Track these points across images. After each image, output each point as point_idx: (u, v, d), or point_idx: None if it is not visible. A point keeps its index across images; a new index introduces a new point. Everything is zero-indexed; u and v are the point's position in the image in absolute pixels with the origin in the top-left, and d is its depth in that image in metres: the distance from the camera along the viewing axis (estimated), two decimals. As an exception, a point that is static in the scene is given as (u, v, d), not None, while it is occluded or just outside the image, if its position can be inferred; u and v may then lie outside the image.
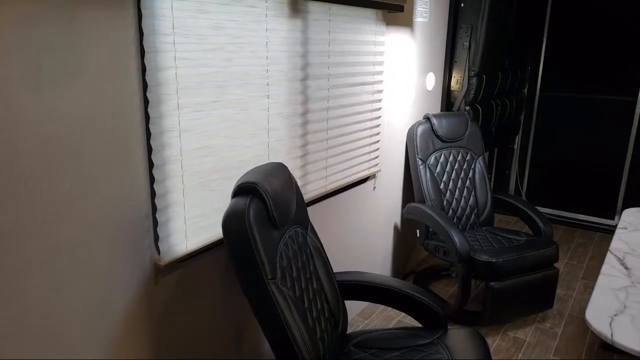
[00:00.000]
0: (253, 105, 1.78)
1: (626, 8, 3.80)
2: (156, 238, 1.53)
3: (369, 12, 2.36)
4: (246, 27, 1.69)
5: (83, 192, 1.29)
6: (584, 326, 2.72)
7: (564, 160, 4.29)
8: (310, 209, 2.20)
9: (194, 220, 1.63)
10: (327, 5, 2.09)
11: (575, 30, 4.03)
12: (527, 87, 4.29)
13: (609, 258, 1.92)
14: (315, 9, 2.02)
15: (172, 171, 1.52)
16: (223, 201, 1.74)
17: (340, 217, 2.50)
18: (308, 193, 2.17)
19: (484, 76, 3.20)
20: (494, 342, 2.57)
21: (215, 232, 1.73)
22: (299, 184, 2.10)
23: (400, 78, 2.79)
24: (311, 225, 1.90)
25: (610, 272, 1.79)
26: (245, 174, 1.62)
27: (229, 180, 1.74)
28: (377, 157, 2.67)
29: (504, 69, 3.51)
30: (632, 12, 3.78)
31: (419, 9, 2.80)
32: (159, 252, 1.54)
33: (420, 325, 1.97)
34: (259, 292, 1.46)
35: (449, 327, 1.90)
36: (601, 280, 1.73)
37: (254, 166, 1.82)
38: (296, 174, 2.09)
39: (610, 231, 4.08)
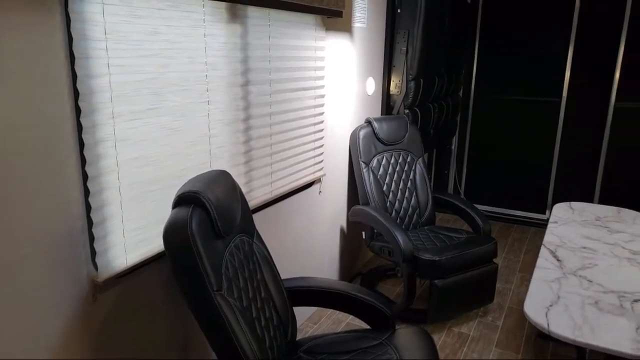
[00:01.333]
0: (193, 112, 1.74)
1: (550, 13, 4.05)
2: (93, 253, 1.45)
3: (308, 18, 2.37)
4: (183, 33, 1.65)
5: (9, 208, 1.20)
6: (523, 317, 2.86)
7: (498, 159, 4.50)
8: (255, 216, 2.18)
9: (134, 233, 1.57)
10: (266, 11, 2.07)
11: (504, 35, 4.25)
12: (462, 90, 4.46)
13: (543, 251, 2.03)
14: (254, 14, 2.00)
15: (108, 183, 1.45)
16: (164, 212, 1.68)
17: (286, 222, 2.48)
18: (253, 200, 2.14)
19: (422, 80, 3.29)
20: (440, 339, 2.64)
21: (156, 244, 1.66)
22: (244, 191, 2.07)
23: (341, 83, 2.82)
24: (257, 232, 1.88)
25: (544, 265, 1.89)
26: (187, 183, 1.57)
27: (169, 190, 1.69)
28: (321, 161, 2.68)
29: (440, 73, 3.63)
30: (556, 17, 4.03)
31: (357, 14, 2.85)
32: (96, 268, 1.46)
33: (368, 327, 1.99)
34: (205, 305, 1.42)
35: (396, 326, 1.94)
36: (536, 273, 1.83)
37: (195, 175, 1.78)
38: (240, 181, 2.05)
39: (542, 225, 4.32)
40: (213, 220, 1.52)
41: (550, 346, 2.58)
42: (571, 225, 2.35)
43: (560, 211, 2.55)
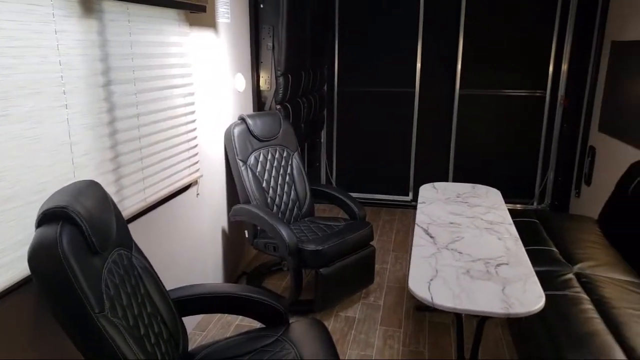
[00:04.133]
0: (49, 118, 1.55)
1: (399, 8, 4.37)
2: None
3: (170, 13, 2.25)
4: (30, 29, 1.45)
5: None
6: (401, 294, 3.08)
7: (364, 149, 4.76)
8: (131, 227, 2.01)
9: (-13, 261, 1.35)
10: (124, 5, 1.92)
11: (360, 29, 4.49)
12: (326, 84, 4.62)
13: (417, 230, 2.20)
14: (111, 8, 1.84)
15: (-51, 206, 1.23)
16: (25, 232, 1.47)
17: (165, 229, 2.34)
18: (126, 209, 1.98)
19: (290, 75, 3.34)
20: (329, 325, 2.73)
21: (19, 269, 1.45)
22: (115, 200, 1.90)
23: (211, 80, 2.74)
24: (135, 244, 1.74)
25: (420, 243, 2.05)
26: (50, 197, 1.40)
27: (28, 207, 1.48)
28: (197, 162, 2.57)
29: (306, 68, 3.72)
30: (404, 12, 4.36)
31: (220, 9, 2.78)
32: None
33: (262, 326, 1.98)
34: (87, 330, 1.28)
35: (290, 320, 1.95)
36: (414, 251, 1.98)
37: (59, 187, 1.58)
38: (110, 190, 1.88)
39: (407, 206, 4.69)
40: (86, 236, 1.37)
41: (426, 316, 2.82)
42: (437, 203, 2.59)
43: (426, 192, 2.79)
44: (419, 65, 4.43)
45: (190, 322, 2.66)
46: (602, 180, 3.58)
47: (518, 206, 4.51)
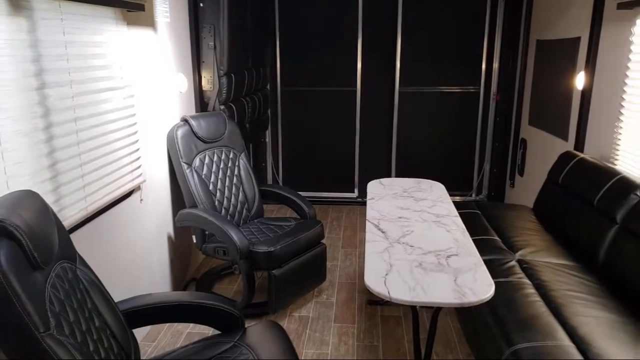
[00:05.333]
0: (-23, 125, 1.42)
1: (338, 7, 4.41)
2: None
3: (107, 11, 2.14)
4: (-49, 27, 1.33)
5: None
6: (353, 290, 3.11)
7: (309, 148, 4.77)
8: (74, 237, 1.90)
9: None
10: (56, 2, 1.80)
11: (301, 28, 4.49)
12: (269, 83, 4.59)
13: (369, 226, 2.23)
14: (42, 6, 1.72)
15: None
16: (-47, 251, 1.35)
17: (109, 238, 2.23)
18: (67, 219, 1.87)
19: (233, 75, 3.28)
20: (283, 326, 2.71)
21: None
22: (54, 210, 1.78)
23: (151, 81, 2.63)
24: (79, 256, 1.65)
25: (372, 239, 2.08)
26: (-17, 211, 1.29)
27: (-43, 222, 1.36)
28: (139, 166, 2.47)
29: (249, 67, 3.67)
30: (344, 11, 4.41)
31: (159, 8, 2.68)
32: None
33: (217, 332, 1.93)
34: (32, 352, 1.20)
35: (245, 325, 1.92)
36: (368, 247, 2.00)
37: (-9, 200, 1.46)
38: (48, 199, 1.76)
39: (353, 202, 4.75)
40: (27, 250, 1.28)
41: (378, 309, 2.87)
42: (385, 199, 2.64)
43: (374, 188, 2.83)
44: (359, 64, 4.50)
45: (139, 333, 2.55)
46: (534, 170, 3.80)
47: (457, 198, 4.69)
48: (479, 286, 1.69)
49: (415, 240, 2.06)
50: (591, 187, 2.51)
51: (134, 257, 2.50)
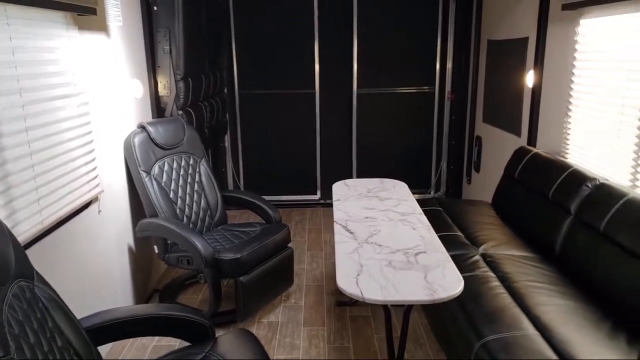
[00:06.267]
0: None
1: (293, 10, 4.41)
2: None
3: (56, 15, 2.05)
4: None
5: None
6: (320, 292, 3.11)
7: (270, 151, 4.74)
8: (29, 253, 1.80)
9: None
10: (1, 7, 1.70)
11: (257, 30, 4.45)
12: (227, 87, 4.52)
13: (337, 227, 2.23)
14: (-15, 9, 1.63)
15: None
16: None
17: (67, 252, 2.13)
18: (22, 234, 1.77)
19: (190, 79, 3.21)
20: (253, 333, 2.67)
21: None
22: (7, 225, 1.68)
23: (106, 87, 2.54)
24: (37, 273, 1.56)
25: (342, 240, 2.09)
26: None
27: None
28: (96, 176, 2.38)
29: (206, 71, 3.60)
30: (299, 14, 4.41)
31: (111, 12, 2.59)
32: None
33: (187, 344, 1.88)
34: (-7, 378, 1.12)
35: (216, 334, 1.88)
36: (338, 248, 2.00)
37: (-63, 218, 1.37)
38: (0, 214, 1.67)
39: (316, 204, 4.75)
40: (-19, 271, 1.20)
41: (347, 310, 2.88)
42: (350, 200, 2.65)
43: (339, 189, 2.84)
44: (317, 66, 4.51)
45: (102, 350, 2.45)
46: (489, 166, 3.93)
47: (416, 196, 4.75)
48: (448, 282, 1.72)
49: (383, 240, 2.08)
50: (545, 181, 2.61)
51: (95, 271, 2.40)
